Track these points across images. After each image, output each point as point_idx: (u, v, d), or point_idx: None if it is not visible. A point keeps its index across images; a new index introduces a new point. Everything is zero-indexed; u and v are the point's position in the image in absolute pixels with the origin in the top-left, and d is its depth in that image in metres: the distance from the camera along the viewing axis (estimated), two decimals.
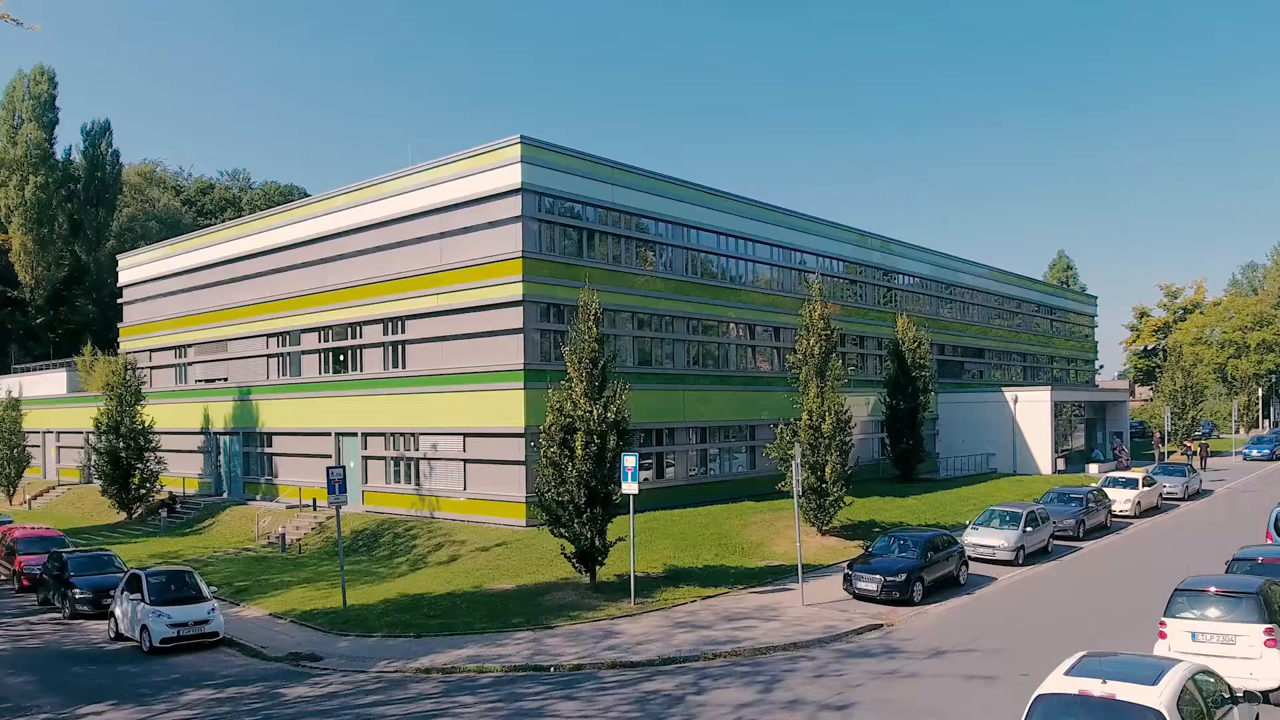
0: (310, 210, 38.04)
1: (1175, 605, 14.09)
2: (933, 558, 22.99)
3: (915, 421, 42.44)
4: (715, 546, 27.86)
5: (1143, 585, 23.77)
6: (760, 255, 40.65)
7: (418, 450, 33.36)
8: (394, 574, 27.08)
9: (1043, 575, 25.59)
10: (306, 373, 38.25)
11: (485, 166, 30.86)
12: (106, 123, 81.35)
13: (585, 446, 21.98)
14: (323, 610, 22.68)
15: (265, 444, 40.25)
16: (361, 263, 35.36)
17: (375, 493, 34.90)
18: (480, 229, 31.13)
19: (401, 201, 33.61)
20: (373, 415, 34.89)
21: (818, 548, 28.55)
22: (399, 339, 34.05)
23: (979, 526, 27.66)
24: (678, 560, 26.08)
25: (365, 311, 35.12)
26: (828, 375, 29.33)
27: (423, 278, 32.87)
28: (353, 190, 35.83)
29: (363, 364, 35.69)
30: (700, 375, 36.93)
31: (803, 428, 29.05)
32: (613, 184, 33.19)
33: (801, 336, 29.98)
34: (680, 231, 36.37)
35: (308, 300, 37.65)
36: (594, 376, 22.57)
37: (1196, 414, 61.73)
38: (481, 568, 26.07)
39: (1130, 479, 36.86)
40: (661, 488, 34.48)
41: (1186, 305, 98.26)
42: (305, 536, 33.46)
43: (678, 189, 36.13)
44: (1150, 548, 29.61)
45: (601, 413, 22.25)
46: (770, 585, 24.21)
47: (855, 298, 47.61)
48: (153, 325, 47.45)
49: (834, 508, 29.10)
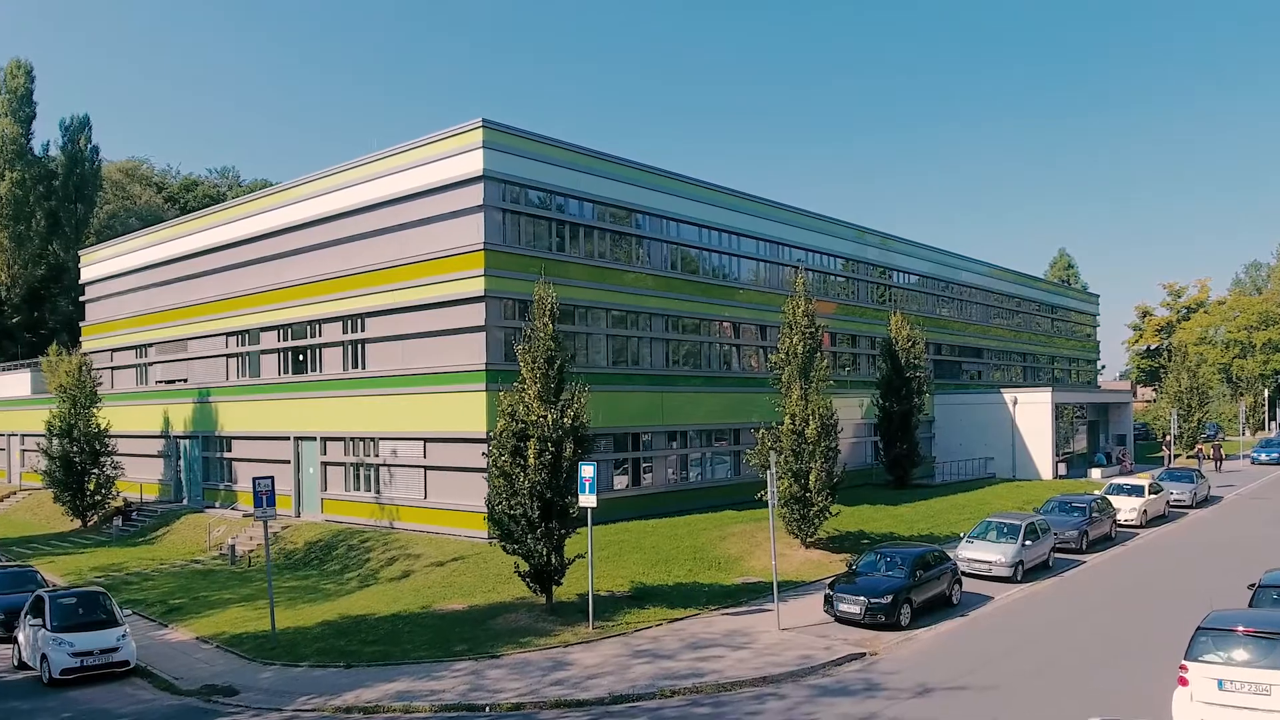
0: (269, 202, 35.99)
1: (1198, 647, 12.06)
2: (922, 576, 20.95)
3: (909, 425, 40.41)
4: (690, 561, 25.83)
5: (1153, 606, 21.77)
6: (747, 250, 38.61)
7: (377, 456, 31.34)
8: (342, 591, 25.06)
9: (1043, 594, 23.55)
10: (266, 373, 36.22)
11: (446, 153, 28.84)
12: (85, 118, 79.17)
13: (539, 455, 19.96)
14: (254, 634, 20.67)
15: (224, 448, 38.22)
16: (321, 257, 33.33)
17: (334, 501, 32.86)
18: (441, 219, 29.11)
19: (360, 192, 31.58)
20: (332, 418, 32.86)
21: (801, 562, 26.54)
22: (358, 338, 32.03)
23: (974, 540, 25.63)
24: (647, 577, 24.05)
25: (324, 309, 33.10)
26: (812, 376, 27.31)
27: (382, 272, 30.85)
28: (311, 180, 33.81)
29: (322, 364, 33.67)
30: (682, 376, 34.90)
31: (785, 433, 27.03)
32: (586, 172, 31.14)
33: (784, 334, 27.96)
34: (660, 224, 34.34)
35: (266, 297, 35.62)
36: (550, 378, 20.56)
37: (1202, 416, 59.71)
38: (434, 585, 24.05)
39: (1136, 486, 34.82)
40: (638, 495, 32.47)
41: (1190, 304, 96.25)
42: (258, 548, 31.43)
43: (658, 179, 34.10)
44: (1159, 562, 27.57)
45: (558, 418, 20.23)
46: (745, 606, 22.18)
47: (849, 295, 45.61)
48: (114, 324, 45.44)
49: (819, 518, 27.09)
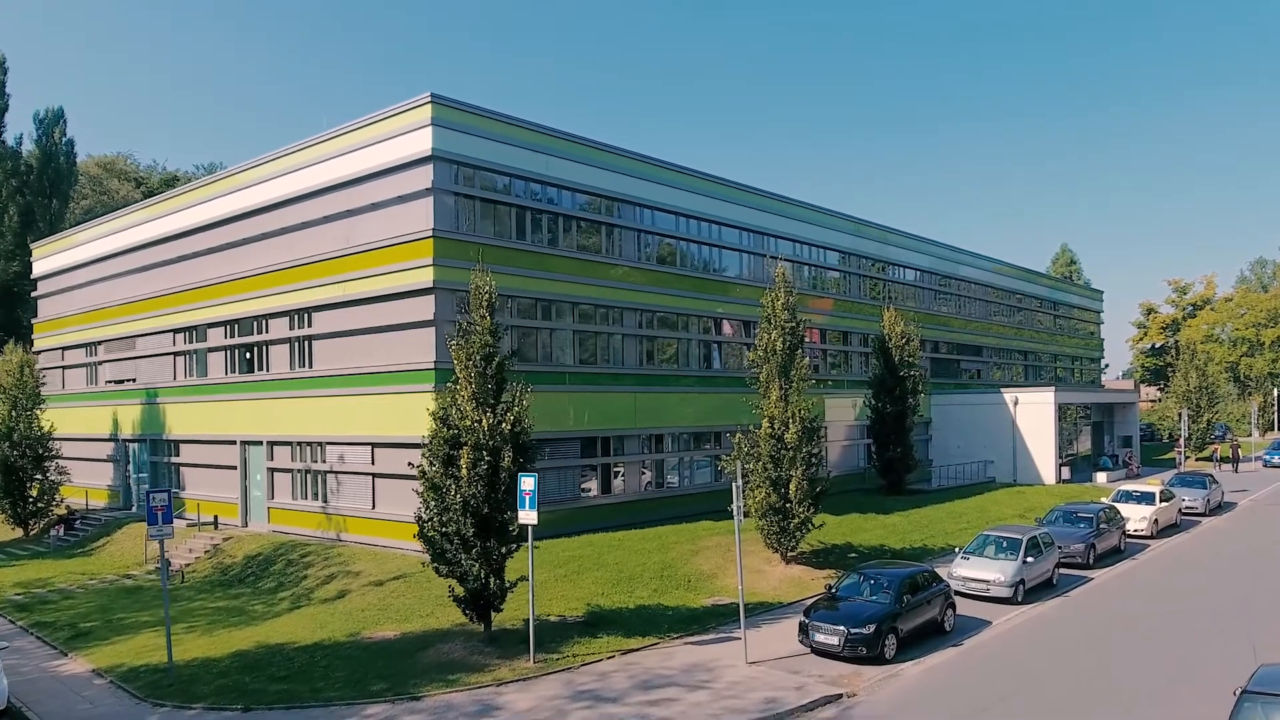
0: (214, 190, 33.55)
1: (1244, 713, 9.66)
2: (910, 602, 18.53)
3: (903, 426, 37.94)
4: (656, 579, 23.40)
5: (1171, 633, 19.35)
6: (730, 241, 36.18)
7: (324, 462, 28.94)
8: (270, 613, 22.66)
9: (1048, 618, 21.12)
10: (214, 373, 33.80)
11: (393, 132, 26.44)
12: (60, 110, 76.49)
13: (474, 465, 17.56)
14: (155, 667, 18.24)
15: (173, 453, 35.83)
16: (268, 247, 30.93)
17: (281, 510, 30.46)
18: (389, 205, 26.70)
19: (306, 176, 29.18)
20: (278, 421, 30.46)
21: (780, 580, 24.12)
22: (305, 334, 29.62)
23: (970, 556, 23.22)
24: (606, 598, 21.62)
25: (271, 303, 30.68)
26: (793, 375, 24.87)
27: (329, 263, 28.45)
28: (257, 165, 31.40)
29: (269, 363, 31.26)
30: (659, 376, 32.46)
31: (763, 437, 24.62)
32: (551, 155, 28.71)
33: (763, 330, 25.54)
34: (635, 212, 31.90)
35: (213, 291, 33.22)
36: (487, 377, 18.15)
37: (1212, 416, 57.25)
38: (369, 607, 21.62)
39: (1146, 492, 32.40)
40: (609, 504, 30.06)
41: (1196, 301, 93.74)
42: (197, 561, 29.07)
43: (632, 164, 31.66)
44: (1175, 579, 25.14)
45: (494, 423, 17.82)
46: (713, 633, 19.75)
47: (843, 290, 43.18)
48: (65, 320, 43.02)
49: (800, 531, 24.67)
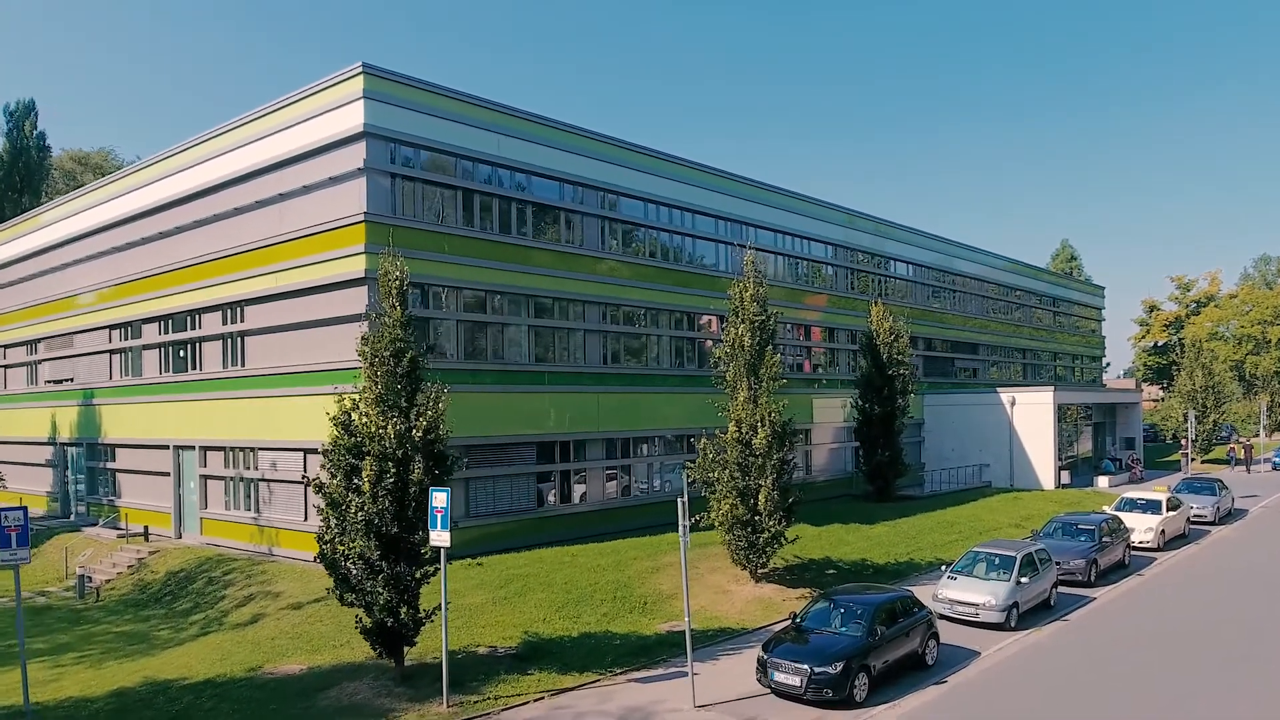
0: (146, 176, 31.13)
1: None
2: (885, 634, 16.14)
3: (891, 429, 35.53)
4: (608, 601, 21.02)
5: (1186, 663, 16.97)
6: (705, 230, 33.77)
7: (256, 469, 26.58)
8: (175, 640, 20.31)
9: (1044, 648, 18.71)
10: (148, 372, 31.42)
11: (324, 107, 24.08)
12: (31, 103, 74.15)
13: (378, 478, 15.19)
14: (13, 709, 15.89)
15: (109, 457, 33.47)
16: (200, 236, 28.58)
17: (214, 520, 28.09)
18: (321, 187, 24.34)
19: (237, 158, 26.84)
20: (211, 424, 28.09)
21: (747, 601, 21.75)
22: (238, 329, 27.25)
23: (958, 575, 20.83)
24: (547, 625, 19.24)
25: (203, 296, 28.30)
26: (762, 374, 22.50)
27: (261, 252, 26.09)
28: (188, 148, 29.01)
29: (201, 361, 28.89)
30: (623, 375, 30.06)
31: (730, 442, 22.26)
32: (502, 134, 26.34)
33: (730, 324, 23.18)
34: (598, 197, 29.51)
35: (147, 285, 30.85)
36: (396, 377, 15.77)
37: (1218, 417, 54.84)
38: (281, 635, 19.24)
39: (1152, 500, 29.99)
40: (566, 515, 27.71)
41: (1200, 298, 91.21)
42: (119, 577, 26.72)
43: (595, 145, 29.26)
44: (1187, 599, 22.75)
45: (403, 429, 15.44)
46: (664, 666, 17.36)
47: (831, 284, 40.80)
48: (4, 318, 40.65)
49: (770, 547, 22.31)
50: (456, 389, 24.87)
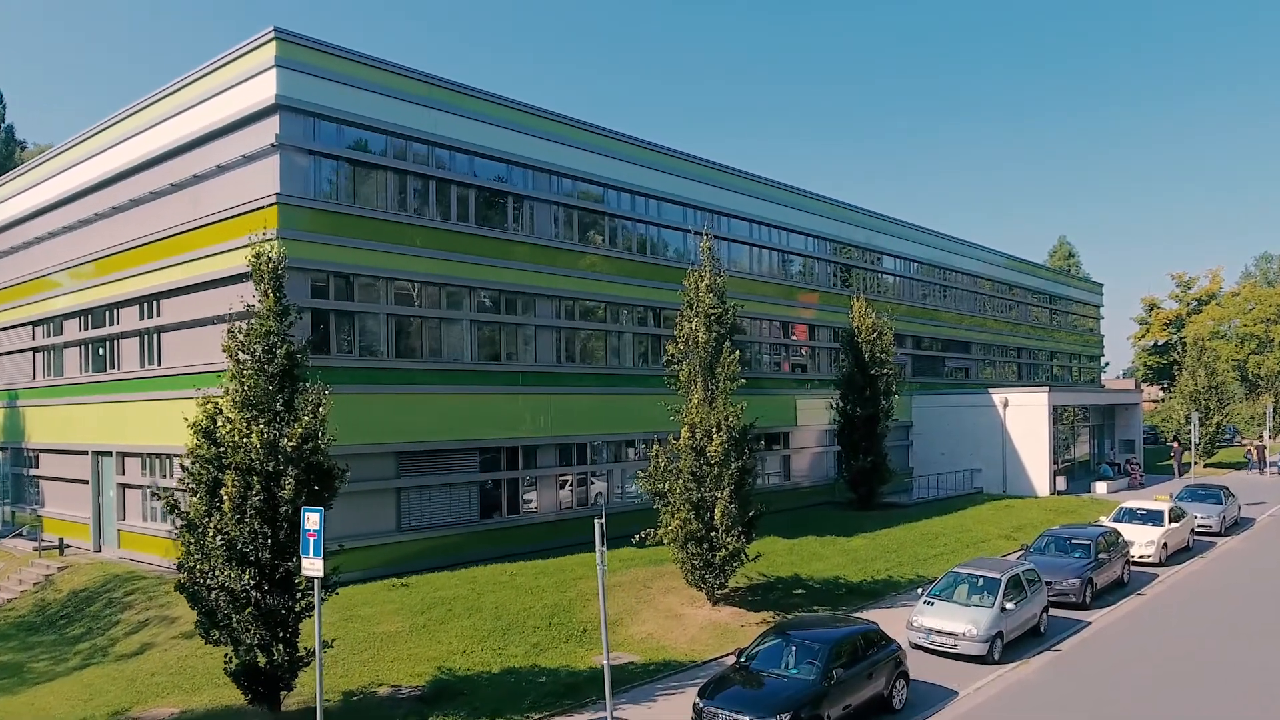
0: (65, 160, 28.83)
1: None
2: (843, 677, 13.82)
3: (874, 432, 33.18)
4: (542, 628, 18.69)
5: (1202, 703, 14.64)
6: (672, 219, 31.44)
7: (173, 478, 24.20)
8: (50, 674, 17.97)
9: (1032, 686, 16.39)
10: (70, 371, 29.14)
11: (237, 78, 21.77)
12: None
13: (242, 495, 12.89)
14: None
15: (33, 463, 31.13)
16: (118, 224, 26.32)
17: (131, 533, 25.74)
18: (235, 167, 22.04)
19: (151, 138, 24.59)
20: (128, 429, 25.76)
21: (702, 626, 19.42)
22: (154, 325, 24.95)
23: (936, 599, 18.50)
24: (466, 658, 16.92)
25: (120, 289, 26.02)
26: (719, 373, 20.20)
27: (176, 239, 23.79)
28: (107, 127, 26.71)
29: (120, 359, 26.59)
30: (578, 375, 27.70)
31: (683, 449, 19.96)
32: (439, 110, 24.00)
33: (684, 317, 20.89)
34: (550, 181, 27.16)
35: (66, 277, 28.59)
36: (267, 376, 13.47)
37: (1222, 419, 52.52)
38: (163, 670, 16.92)
39: (1153, 511, 27.67)
40: (512, 528, 25.40)
41: (1201, 296, 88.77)
42: (23, 596, 24.38)
43: (544, 124, 26.90)
44: (1194, 622, 20.41)
45: (271, 438, 13.12)
46: (590, 711, 15.01)
47: (815, 279, 38.50)
48: None
49: (729, 566, 20.02)
50: (386, 390, 22.80)
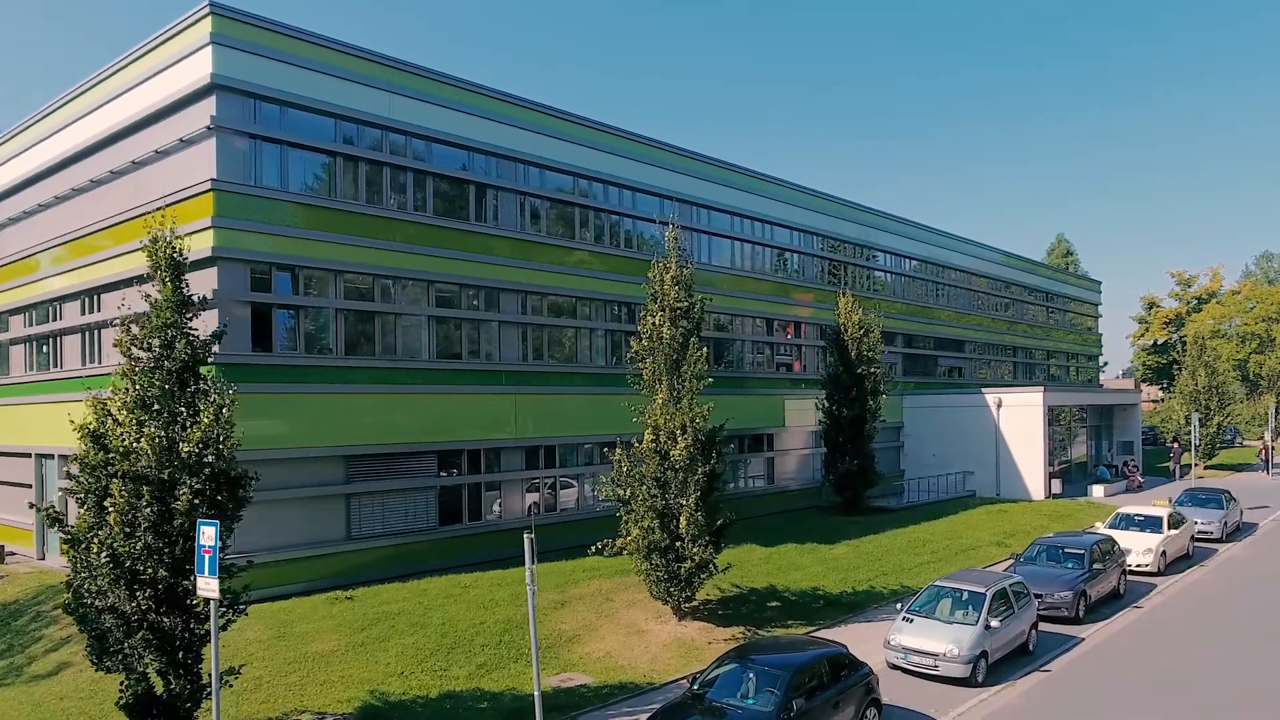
0: (9, 149, 27.51)
1: None
2: (805, 707, 12.46)
3: (861, 433, 31.85)
4: (490, 646, 17.35)
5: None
6: (647, 210, 30.06)
7: None
8: None
9: (1018, 711, 15.02)
10: (15, 369, 27.82)
11: (174, 57, 20.45)
12: None
13: (132, 506, 11.56)
14: None
15: None
16: (61, 214, 25.02)
17: None
18: (173, 152, 20.72)
19: (91, 123, 23.28)
20: (71, 430, 24.36)
21: (665, 643, 18.08)
22: (95, 320, 23.62)
23: (915, 615, 17.14)
24: (404, 680, 15.57)
25: (63, 282, 24.73)
26: (685, 371, 18.86)
27: (114, 230, 22.50)
28: (50, 112, 25.38)
29: (63, 357, 25.27)
30: (545, 373, 26.33)
31: (646, 452, 18.62)
32: (394, 93, 22.66)
33: (648, 312, 19.56)
34: (516, 170, 25.81)
35: (12, 271, 27.28)
36: (164, 374, 12.14)
37: (1223, 419, 51.15)
38: (73, 694, 15.57)
39: (1151, 517, 26.33)
40: (474, 535, 24.06)
41: (1201, 294, 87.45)
42: None
43: (509, 109, 25.52)
44: (1199, 636, 19.05)
45: (165, 442, 11.79)
46: None
47: (797, 275, 37.15)
48: None
49: (695, 578, 18.68)
50: (335, 389, 21.43)
